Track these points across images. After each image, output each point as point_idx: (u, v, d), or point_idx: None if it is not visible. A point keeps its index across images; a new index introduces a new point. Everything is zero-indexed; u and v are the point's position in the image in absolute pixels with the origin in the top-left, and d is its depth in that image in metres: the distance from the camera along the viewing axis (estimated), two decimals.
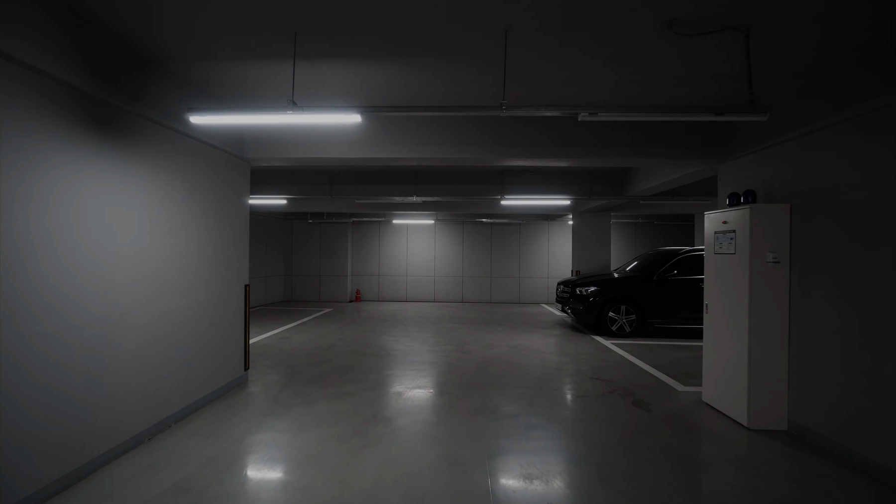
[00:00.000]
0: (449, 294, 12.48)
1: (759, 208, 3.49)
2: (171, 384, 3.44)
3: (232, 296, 4.34)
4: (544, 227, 12.44)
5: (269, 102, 3.83)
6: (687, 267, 7.26)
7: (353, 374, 4.93)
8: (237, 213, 4.45)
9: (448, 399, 4.11)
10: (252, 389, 4.36)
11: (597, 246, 9.55)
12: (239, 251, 4.48)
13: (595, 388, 4.49)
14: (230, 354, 4.31)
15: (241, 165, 4.53)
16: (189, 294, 3.65)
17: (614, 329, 7.24)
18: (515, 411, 3.81)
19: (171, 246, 3.44)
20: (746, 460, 2.97)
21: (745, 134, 3.93)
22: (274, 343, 6.54)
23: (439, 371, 5.07)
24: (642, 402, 4.07)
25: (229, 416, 3.65)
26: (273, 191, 7.37)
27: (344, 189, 7.18)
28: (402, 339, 6.99)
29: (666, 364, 5.48)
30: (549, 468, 2.82)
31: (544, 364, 5.44)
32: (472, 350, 6.18)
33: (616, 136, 4.30)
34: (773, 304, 3.47)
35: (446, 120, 4.34)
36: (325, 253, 12.37)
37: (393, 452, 3.01)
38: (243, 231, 4.58)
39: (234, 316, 4.39)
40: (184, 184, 3.61)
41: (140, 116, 3.08)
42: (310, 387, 4.43)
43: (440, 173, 7.24)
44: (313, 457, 2.94)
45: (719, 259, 3.88)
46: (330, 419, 3.59)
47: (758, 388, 3.47)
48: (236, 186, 4.45)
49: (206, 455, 2.95)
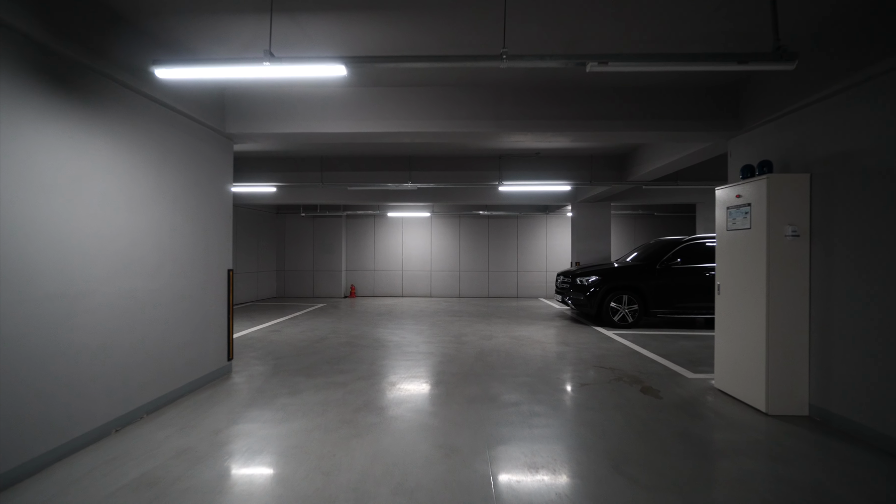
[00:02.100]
0: (446, 289, 12.22)
1: (777, 178, 3.26)
2: (143, 372, 3.16)
3: (213, 281, 4.06)
4: (542, 220, 12.20)
5: None
6: (691, 255, 7.03)
7: (345, 364, 4.66)
8: (219, 194, 4.17)
9: (445, 388, 3.85)
10: (235, 380, 4.08)
11: (597, 236, 9.32)
12: (221, 234, 4.21)
13: (600, 376, 4.25)
14: (212, 343, 4.02)
15: (223, 143, 4.26)
16: (162, 276, 3.37)
17: (616, 319, 7.01)
18: (517, 399, 3.56)
19: (141, 223, 3.16)
20: (768, 446, 2.73)
21: (759, 101, 3.70)
22: (263, 336, 6.26)
23: (436, 361, 4.81)
24: (651, 390, 3.82)
25: (208, 406, 3.38)
26: (262, 178, 7.08)
27: (335, 176, 6.91)
28: (397, 331, 6.72)
29: (672, 353, 5.25)
30: (555, 457, 2.56)
31: (545, 353, 5.19)
32: (470, 341, 5.93)
33: (622, 107, 4.05)
34: (792, 281, 3.23)
35: (441, 92, 4.08)
36: (319, 248, 12.08)
37: (384, 442, 2.75)
38: (226, 213, 4.30)
39: (216, 302, 4.11)
40: (158, 157, 3.33)
41: (106, 76, 2.80)
42: (297, 377, 4.16)
43: (436, 159, 6.98)
44: (296, 447, 2.67)
45: (732, 236, 3.65)
46: (317, 409, 3.32)
47: (777, 372, 3.23)
48: (218, 165, 4.17)
49: (177, 447, 2.67)
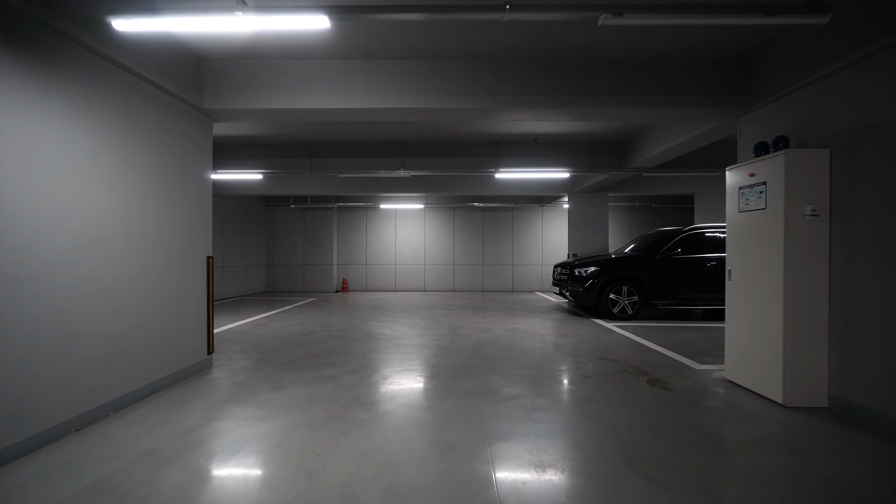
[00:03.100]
0: (440, 283, 11.98)
1: (795, 154, 3.04)
2: (109, 366, 2.87)
3: (190, 269, 3.77)
4: (538, 212, 11.99)
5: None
6: (692, 245, 6.85)
7: (334, 357, 4.40)
8: (197, 175, 3.88)
9: (440, 382, 3.61)
10: (216, 375, 3.80)
11: (594, 228, 9.13)
12: (199, 218, 3.91)
13: (604, 367, 4.03)
14: (189, 335, 3.74)
15: (202, 120, 3.95)
16: (131, 262, 3.08)
17: (615, 311, 6.82)
18: (518, 392, 3.33)
19: (105, 200, 2.87)
20: (789, 439, 2.53)
21: (774, 74, 3.48)
22: (248, 329, 5.96)
23: (430, 354, 4.57)
24: (659, 381, 3.62)
25: (182, 403, 3.10)
26: (248, 165, 6.76)
27: (324, 163, 6.61)
28: (389, 324, 6.47)
29: (676, 344, 5.06)
30: (563, 454, 2.34)
31: (545, 346, 4.97)
32: (465, 333, 5.69)
33: (626, 83, 3.82)
34: (810, 264, 3.03)
35: (435, 66, 3.81)
36: (310, 241, 11.76)
37: (375, 440, 2.50)
38: (205, 196, 4.00)
39: (194, 291, 3.82)
40: (126, 130, 3.03)
41: (57, 32, 2.49)
42: (282, 371, 3.89)
43: (429, 145, 6.72)
44: (277, 447, 2.41)
45: (745, 218, 3.44)
46: (302, 405, 3.06)
47: (794, 362, 3.03)
48: (196, 144, 3.87)
49: (143, 448, 2.40)
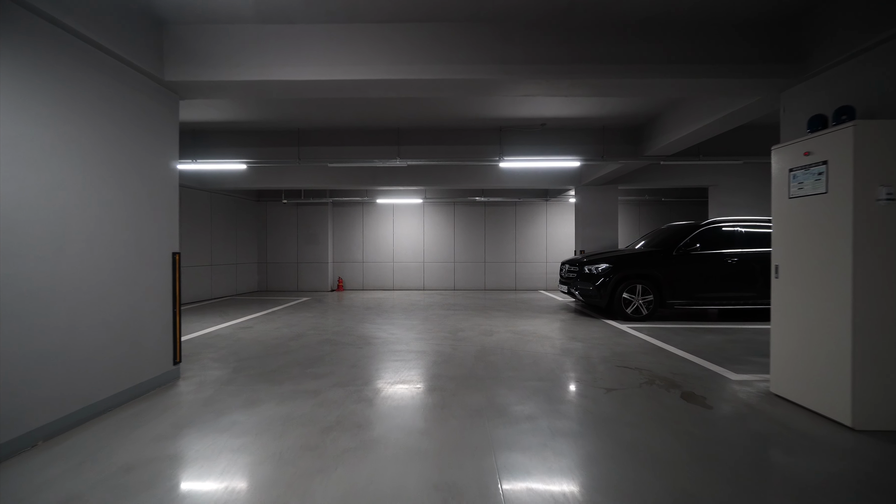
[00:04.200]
0: (440, 281, 11.47)
1: (868, 127, 2.52)
2: (37, 386, 2.36)
3: (150, 266, 3.26)
4: (542, 207, 11.47)
5: None
6: (711, 240, 6.34)
7: (320, 367, 3.89)
8: (159, 159, 3.36)
9: (440, 397, 3.10)
10: (181, 389, 3.29)
11: (603, 222, 8.60)
12: (162, 207, 3.40)
13: (628, 377, 3.53)
14: (149, 344, 3.23)
15: (165, 95, 3.43)
16: (67, 257, 2.56)
17: (629, 311, 6.31)
18: (532, 412, 2.82)
19: (33, 183, 2.35)
20: (878, 479, 2.02)
21: (834, 34, 2.96)
22: (230, 333, 5.45)
23: (429, 362, 4.06)
24: (694, 396, 3.11)
25: (130, 429, 2.59)
26: (232, 155, 6.24)
27: (314, 152, 6.09)
28: (385, 326, 5.96)
29: (700, 348, 4.55)
30: (596, 502, 1.83)
31: (556, 351, 4.47)
32: (468, 337, 5.19)
33: (652, 48, 3.29)
34: (886, 258, 2.52)
35: (434, 31, 3.29)
36: (304, 238, 11.24)
37: (358, 480, 1.99)
38: (169, 184, 3.49)
39: (154, 293, 3.31)
40: (61, 98, 2.51)
41: None
42: (258, 384, 3.38)
43: (427, 132, 6.20)
44: (231, 494, 1.90)
45: (797, 205, 2.93)
46: (275, 429, 2.55)
47: (866, 375, 2.52)
48: (159, 123, 3.35)
49: (60, 496, 1.89)
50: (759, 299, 6.13)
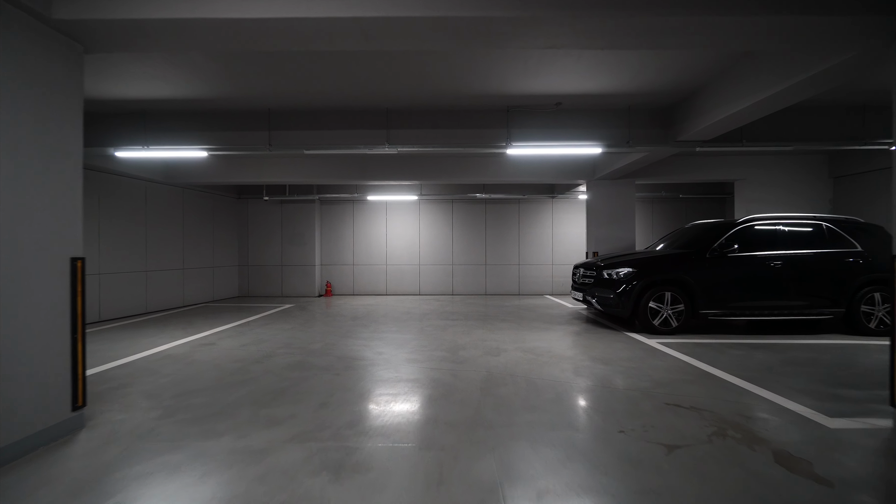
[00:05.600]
0: (437, 286, 10.57)
1: None
2: None
3: (33, 277, 2.34)
4: (548, 205, 10.59)
5: None
6: (751, 240, 5.48)
7: (280, 405, 2.98)
8: (51, 136, 2.44)
9: (435, 461, 2.20)
10: (77, 448, 2.37)
11: (618, 221, 7.73)
12: (58, 202, 2.48)
13: (687, 425, 2.64)
14: (26, 387, 2.31)
15: (60, 44, 2.51)
16: None
17: (657, 323, 5.43)
18: (566, 487, 1.92)
19: None
20: None
21: None
22: (185, 353, 4.53)
23: (423, 397, 3.16)
24: (793, 458, 2.22)
25: None
26: (189, 140, 5.32)
27: (288, 137, 5.20)
28: (373, 342, 5.05)
29: (758, 375, 3.67)
30: None
31: (582, 379, 3.57)
32: (470, 358, 4.28)
33: None
34: None
35: None
36: (289, 238, 10.32)
37: None
38: (69, 169, 2.57)
39: (44, 313, 2.39)
40: None
41: None
42: (188, 439, 2.47)
43: (423, 113, 5.30)
44: None
45: None
46: None
47: None
48: (50, 84, 2.44)
49: None
50: (812, 309, 5.27)
